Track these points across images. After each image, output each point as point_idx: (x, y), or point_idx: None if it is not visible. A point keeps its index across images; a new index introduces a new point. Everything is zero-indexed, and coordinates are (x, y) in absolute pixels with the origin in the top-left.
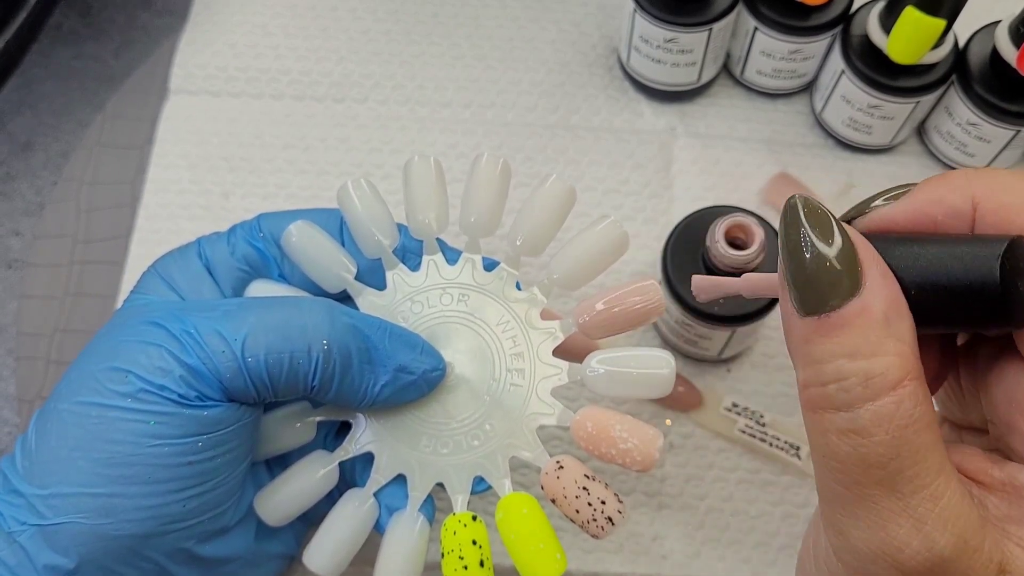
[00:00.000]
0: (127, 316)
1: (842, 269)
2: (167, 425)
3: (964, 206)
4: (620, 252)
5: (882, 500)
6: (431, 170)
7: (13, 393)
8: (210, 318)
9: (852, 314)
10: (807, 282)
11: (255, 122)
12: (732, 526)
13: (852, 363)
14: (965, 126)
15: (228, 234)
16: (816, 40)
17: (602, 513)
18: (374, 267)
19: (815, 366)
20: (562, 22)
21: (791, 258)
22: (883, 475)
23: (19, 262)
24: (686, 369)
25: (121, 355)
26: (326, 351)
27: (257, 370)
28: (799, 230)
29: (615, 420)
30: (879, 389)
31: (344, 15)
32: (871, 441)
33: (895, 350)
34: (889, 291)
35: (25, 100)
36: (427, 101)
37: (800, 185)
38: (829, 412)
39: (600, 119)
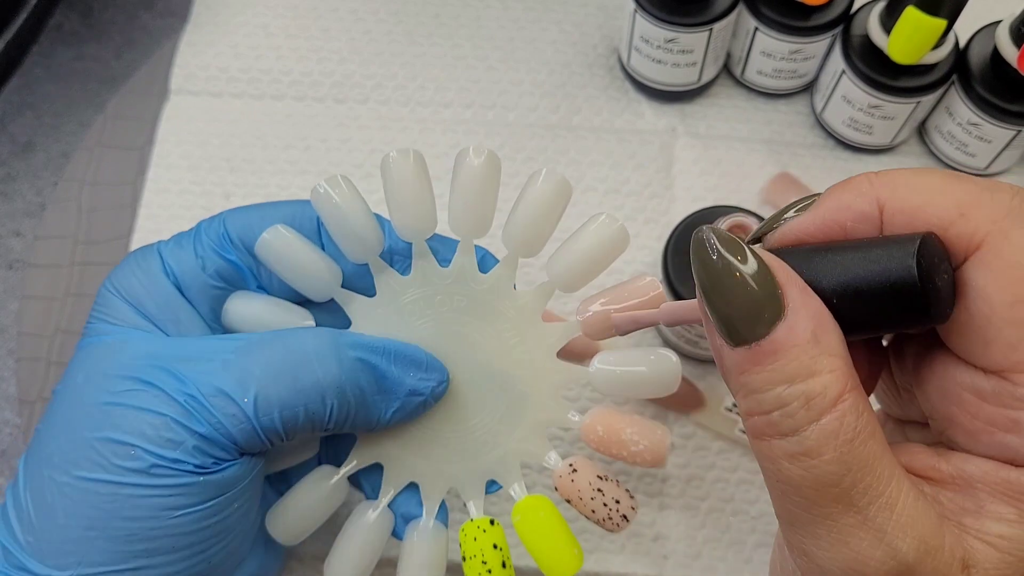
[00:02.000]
0: (106, 364)
1: (762, 293)
2: (185, 496)
3: (871, 209)
4: (620, 250)
5: (840, 517)
6: (412, 166)
7: (14, 394)
8: (209, 372)
9: (781, 339)
10: (730, 313)
11: (256, 123)
12: (733, 526)
13: (791, 388)
14: (966, 126)
15: (194, 242)
16: (817, 40)
17: (617, 511)
18: (361, 268)
19: (754, 396)
20: (563, 23)
21: (709, 290)
22: (837, 492)
23: (20, 263)
24: (687, 369)
25: (118, 424)
26: (340, 396)
27: (272, 427)
28: (713, 260)
29: (625, 423)
30: (821, 409)
31: (346, 15)
32: (821, 461)
33: (829, 367)
34: (813, 308)
35: (26, 101)
36: (429, 102)
37: (800, 185)
38: (776, 439)
39: (601, 119)
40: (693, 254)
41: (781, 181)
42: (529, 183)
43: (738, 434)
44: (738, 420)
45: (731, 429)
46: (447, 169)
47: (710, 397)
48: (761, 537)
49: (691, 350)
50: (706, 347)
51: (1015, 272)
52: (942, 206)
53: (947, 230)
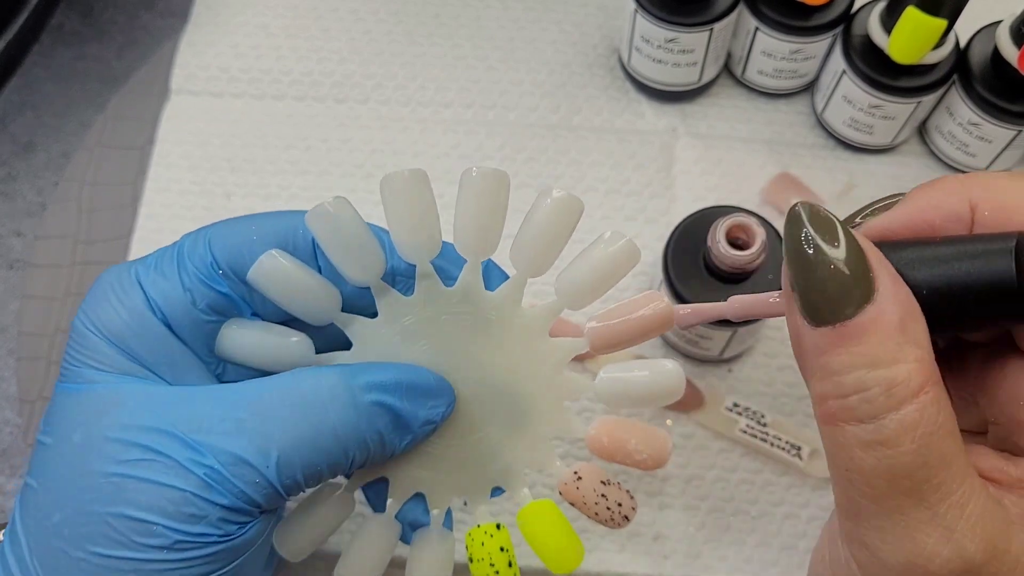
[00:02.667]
0: (105, 427)
1: (852, 275)
2: (211, 563)
3: (962, 209)
4: (630, 266)
5: (910, 511)
6: (413, 187)
7: (14, 393)
8: (224, 436)
9: (868, 322)
10: (817, 291)
11: (257, 123)
12: (733, 526)
13: (873, 373)
14: (966, 126)
15: (179, 271)
16: (817, 40)
17: (619, 512)
18: (360, 288)
19: (833, 378)
20: (563, 23)
21: (798, 267)
22: (910, 485)
23: (20, 262)
24: (687, 369)
25: (133, 499)
26: (361, 447)
27: (294, 485)
28: (804, 237)
29: (629, 433)
30: (903, 397)
31: (346, 16)
32: (898, 452)
33: (915, 356)
34: (903, 295)
35: (27, 101)
36: (429, 102)
37: (801, 185)
38: (851, 425)
39: (602, 119)
40: (786, 230)
41: (782, 181)
42: (538, 201)
43: (738, 434)
44: (738, 420)
45: (731, 429)
46: (447, 169)
47: (710, 397)
48: (761, 537)
49: (691, 350)
50: (706, 347)
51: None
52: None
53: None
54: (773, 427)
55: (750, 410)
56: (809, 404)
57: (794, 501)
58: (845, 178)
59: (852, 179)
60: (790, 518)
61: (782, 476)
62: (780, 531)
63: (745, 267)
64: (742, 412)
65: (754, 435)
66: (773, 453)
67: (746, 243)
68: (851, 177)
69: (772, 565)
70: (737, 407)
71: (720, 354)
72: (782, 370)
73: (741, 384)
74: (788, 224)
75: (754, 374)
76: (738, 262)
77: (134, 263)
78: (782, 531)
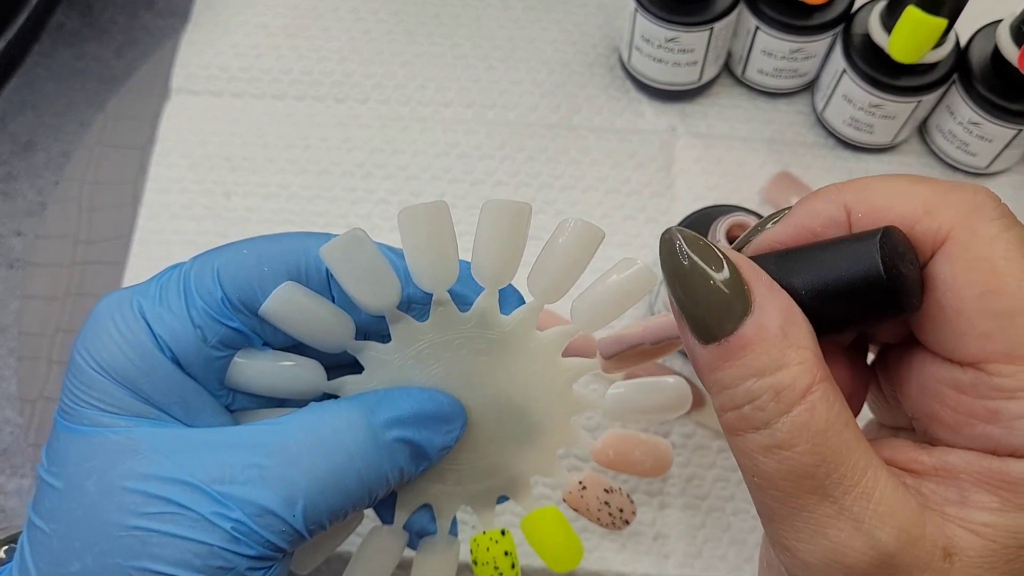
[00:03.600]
0: (122, 476)
1: (729, 291)
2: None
3: (838, 213)
4: (644, 291)
5: (817, 508)
6: (429, 221)
7: (15, 393)
8: (247, 487)
9: (750, 333)
10: (700, 310)
11: (257, 122)
12: (734, 526)
13: (760, 381)
14: (967, 125)
15: (187, 305)
16: (817, 39)
17: (620, 517)
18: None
19: (726, 391)
20: (563, 22)
21: (681, 291)
22: (813, 483)
23: (21, 262)
24: (687, 369)
25: (157, 554)
26: (384, 485)
27: (319, 530)
28: (682, 261)
29: (634, 445)
30: (790, 400)
31: (346, 15)
32: (794, 452)
33: (798, 359)
34: (779, 302)
35: (27, 100)
36: (429, 101)
37: (801, 184)
38: (749, 432)
39: (602, 119)
40: (661, 256)
41: (782, 180)
42: (558, 230)
43: None
44: None
45: None
46: (447, 169)
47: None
48: (761, 536)
49: None
50: None
51: (981, 264)
52: (907, 205)
53: (913, 227)
54: None
55: None
56: None
57: None
58: (845, 177)
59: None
60: None
61: None
62: None
63: None
64: None
65: None
66: None
67: None
68: (851, 176)
69: None
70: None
71: None
72: None
73: None
74: (663, 251)
75: None
76: None
77: (134, 292)
78: None
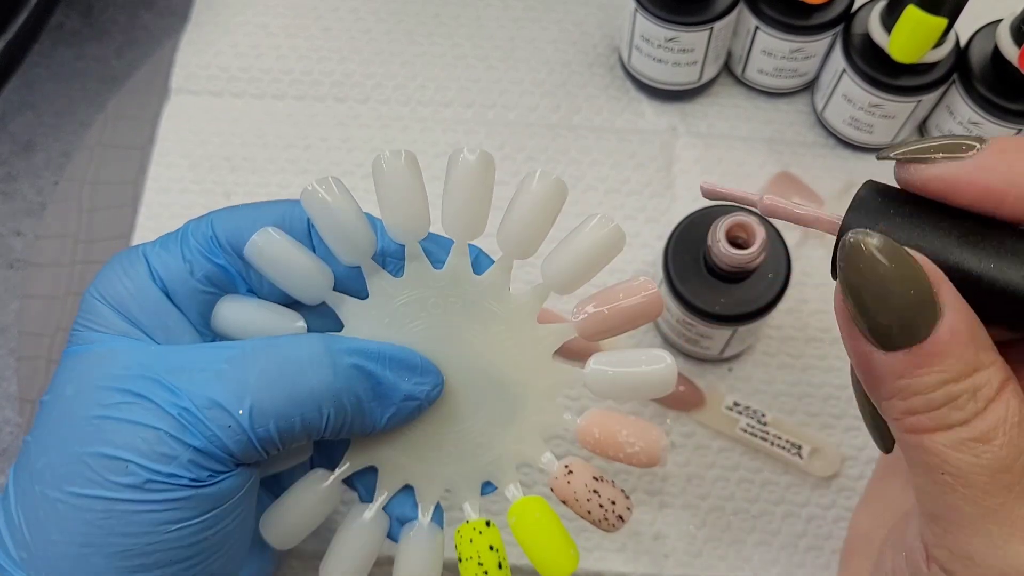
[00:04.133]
0: (95, 376)
1: (918, 297)
2: (181, 510)
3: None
4: (616, 251)
5: (1015, 507)
6: (404, 167)
7: (15, 393)
8: (202, 383)
9: (943, 340)
10: (887, 319)
11: (257, 122)
12: (734, 525)
13: (959, 385)
14: (967, 125)
15: (181, 244)
16: (817, 39)
17: (613, 512)
18: (352, 270)
19: (920, 396)
20: (563, 22)
21: (867, 298)
22: (1010, 479)
23: (21, 262)
24: (687, 368)
25: (110, 438)
26: (337, 405)
27: (268, 437)
28: (874, 268)
29: (620, 425)
30: (987, 397)
31: (346, 15)
32: (992, 446)
33: (990, 360)
34: (966, 307)
35: (27, 100)
36: (429, 101)
37: (801, 184)
38: (942, 432)
39: (602, 119)
40: (845, 262)
41: (782, 180)
42: (523, 184)
43: (738, 433)
44: (738, 419)
45: (731, 428)
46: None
47: (710, 396)
48: (761, 536)
49: (691, 349)
50: (707, 346)
51: None
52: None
53: None
54: (773, 426)
55: (750, 409)
56: (809, 403)
57: (794, 500)
58: (845, 177)
59: (852, 178)
60: (790, 517)
61: (782, 475)
62: (780, 530)
63: (745, 266)
64: (742, 411)
65: (754, 434)
66: (773, 452)
67: (746, 242)
68: (851, 176)
69: (772, 564)
70: (737, 406)
71: (720, 353)
72: (782, 369)
73: (741, 383)
74: (847, 256)
75: (754, 373)
76: (738, 261)
77: (144, 244)
78: (782, 530)
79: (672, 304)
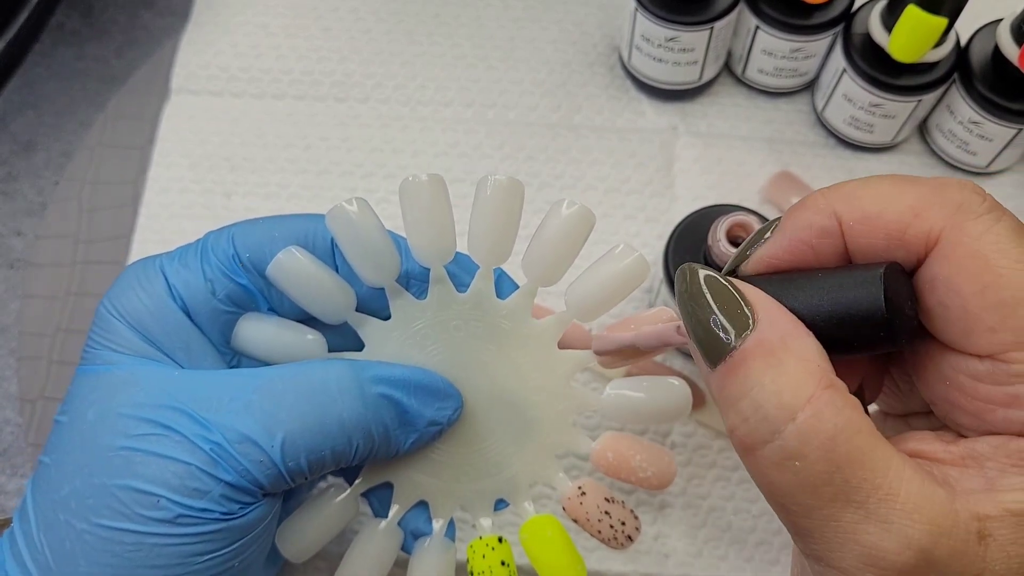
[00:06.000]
0: (119, 403)
1: (733, 313)
2: (211, 542)
3: (830, 223)
4: (639, 281)
5: (843, 515)
6: (430, 194)
7: (15, 393)
8: (232, 415)
9: (750, 348)
10: (706, 335)
11: (257, 122)
12: (734, 525)
13: (762, 391)
14: (967, 124)
15: (201, 262)
16: (818, 39)
17: (623, 532)
18: (374, 290)
19: (733, 406)
20: (564, 21)
21: (690, 320)
22: (833, 491)
23: (21, 262)
24: (688, 368)
25: (140, 472)
26: (366, 436)
27: (298, 471)
28: (693, 291)
29: (634, 450)
30: (794, 407)
31: (346, 15)
32: (806, 462)
33: (798, 368)
34: (782, 319)
35: (27, 100)
36: (429, 101)
37: (801, 184)
38: (759, 449)
39: (602, 118)
40: (675, 288)
41: (782, 180)
42: (551, 212)
43: None
44: None
45: None
46: (447, 168)
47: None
48: (762, 535)
49: None
50: None
51: (975, 260)
52: (896, 210)
53: (904, 232)
54: None
55: None
56: None
57: None
58: (845, 176)
59: (852, 177)
60: None
61: None
62: (781, 530)
63: None
64: None
65: None
66: None
67: None
68: (851, 175)
69: (773, 564)
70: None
71: None
72: None
73: None
74: (678, 281)
75: None
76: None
77: (160, 256)
78: (783, 530)
79: (673, 304)
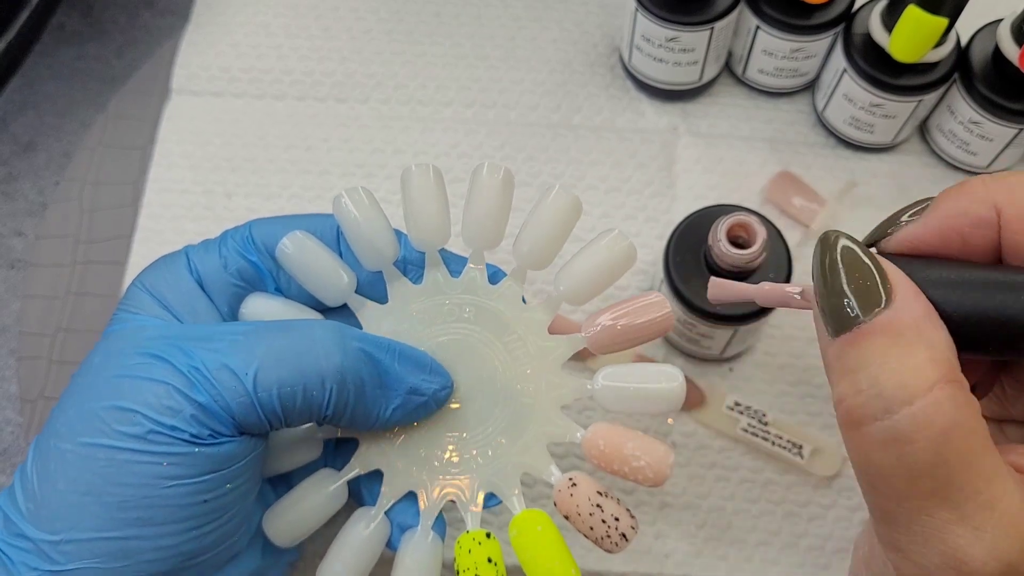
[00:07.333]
0: (123, 345)
1: (872, 285)
2: (180, 466)
3: (988, 215)
4: (628, 265)
5: (936, 512)
6: (430, 180)
7: (15, 393)
8: (216, 350)
9: (882, 323)
10: (839, 301)
11: (257, 122)
12: (734, 525)
13: (884, 367)
14: (967, 124)
15: (219, 244)
16: (818, 39)
17: (616, 530)
18: (374, 278)
19: (849, 376)
20: (564, 21)
21: (824, 286)
22: (932, 485)
23: (22, 262)
24: (688, 368)
25: (125, 393)
26: (340, 381)
27: (270, 404)
28: (835, 257)
29: (627, 438)
30: (915, 391)
31: (346, 15)
32: (914, 448)
33: (927, 355)
34: (920, 306)
35: (27, 100)
36: (429, 101)
37: (802, 184)
38: (867, 425)
39: (602, 118)
40: (818, 255)
41: (783, 180)
42: (541, 199)
43: (739, 433)
44: (739, 419)
45: (732, 428)
46: (447, 168)
47: (711, 396)
48: (762, 536)
49: (692, 348)
50: (707, 346)
51: None
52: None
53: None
54: (774, 426)
55: (751, 409)
56: (810, 403)
57: (795, 500)
58: (846, 176)
59: (853, 177)
60: (791, 517)
61: (783, 475)
62: (781, 530)
63: (746, 266)
64: (743, 411)
65: (755, 434)
66: (774, 452)
67: (747, 242)
68: (852, 176)
69: (773, 564)
70: (738, 406)
71: (721, 353)
72: (783, 369)
73: (742, 383)
74: (820, 247)
75: (755, 373)
76: (739, 261)
77: (188, 246)
78: (783, 530)
79: (673, 304)
